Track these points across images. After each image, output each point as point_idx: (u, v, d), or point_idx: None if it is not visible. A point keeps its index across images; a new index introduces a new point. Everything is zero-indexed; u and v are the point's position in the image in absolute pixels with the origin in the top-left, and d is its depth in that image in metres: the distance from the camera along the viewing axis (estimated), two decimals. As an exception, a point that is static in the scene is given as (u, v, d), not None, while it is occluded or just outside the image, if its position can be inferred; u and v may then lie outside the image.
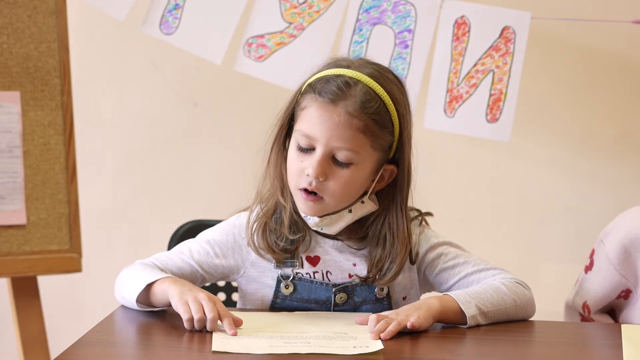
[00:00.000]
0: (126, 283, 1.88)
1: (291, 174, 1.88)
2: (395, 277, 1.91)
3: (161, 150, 3.20)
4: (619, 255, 2.03)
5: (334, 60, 1.93)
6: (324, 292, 1.93)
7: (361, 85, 1.85)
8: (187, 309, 1.74)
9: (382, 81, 1.87)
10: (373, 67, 1.90)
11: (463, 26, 2.75)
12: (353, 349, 1.64)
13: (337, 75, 1.86)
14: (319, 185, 1.85)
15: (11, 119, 2.58)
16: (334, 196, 1.86)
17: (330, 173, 1.84)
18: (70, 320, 3.22)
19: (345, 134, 1.83)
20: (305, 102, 1.87)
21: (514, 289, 1.91)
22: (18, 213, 2.59)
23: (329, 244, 1.94)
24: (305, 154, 1.86)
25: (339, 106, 1.83)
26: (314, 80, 1.89)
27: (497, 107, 2.75)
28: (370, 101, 1.84)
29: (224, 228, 1.97)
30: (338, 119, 1.83)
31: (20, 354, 2.65)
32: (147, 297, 1.84)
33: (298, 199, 1.89)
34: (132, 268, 1.91)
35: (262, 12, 2.76)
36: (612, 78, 3.05)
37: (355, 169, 1.85)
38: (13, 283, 2.65)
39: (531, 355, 1.75)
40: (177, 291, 1.77)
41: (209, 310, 1.73)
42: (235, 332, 1.71)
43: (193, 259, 1.93)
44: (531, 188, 3.11)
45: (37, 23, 2.60)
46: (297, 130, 1.87)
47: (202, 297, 1.75)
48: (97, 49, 3.17)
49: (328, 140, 1.83)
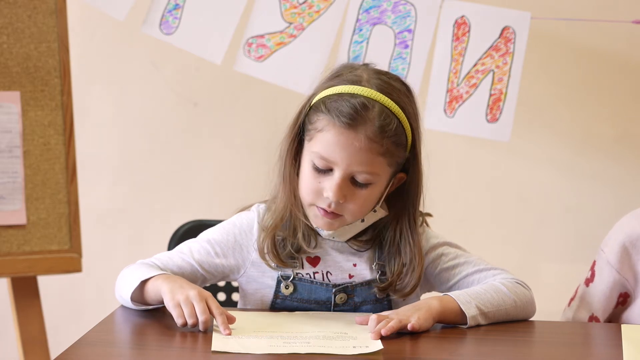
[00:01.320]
0: (123, 282, 1.88)
1: (307, 192, 1.87)
2: (414, 289, 1.91)
3: (161, 150, 3.20)
4: (619, 256, 2.03)
5: (341, 70, 1.91)
6: (324, 293, 1.93)
7: (378, 107, 1.83)
8: (179, 313, 1.74)
9: (395, 97, 1.86)
10: (382, 79, 1.87)
11: (463, 26, 2.75)
12: (353, 349, 1.64)
13: (351, 95, 1.84)
14: (338, 207, 1.85)
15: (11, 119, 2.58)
16: (353, 214, 1.88)
17: (349, 194, 1.85)
18: (70, 320, 3.22)
19: (366, 158, 1.83)
20: (320, 123, 1.85)
21: (515, 290, 1.91)
22: (18, 213, 2.59)
23: (329, 244, 1.94)
24: (321, 174, 1.85)
25: (359, 132, 1.81)
26: (326, 97, 1.86)
27: (497, 107, 2.75)
28: (389, 124, 1.83)
29: (225, 228, 1.97)
30: (359, 145, 1.82)
31: (20, 354, 2.65)
32: (142, 295, 1.84)
33: (313, 214, 1.89)
34: (132, 267, 1.91)
35: (262, 12, 2.76)
36: (612, 78, 3.05)
37: (373, 187, 1.86)
38: (13, 283, 2.65)
39: (531, 355, 1.75)
40: (168, 289, 1.77)
41: (200, 312, 1.72)
42: (229, 332, 1.71)
43: (193, 258, 1.93)
44: (531, 188, 3.11)
45: (37, 23, 2.60)
46: (313, 152, 1.85)
47: (194, 296, 1.75)
48: (97, 49, 3.17)
49: (348, 166, 1.83)
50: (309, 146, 1.87)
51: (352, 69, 1.90)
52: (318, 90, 1.90)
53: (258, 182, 1.97)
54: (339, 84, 1.87)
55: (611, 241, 2.06)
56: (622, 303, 2.06)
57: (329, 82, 1.89)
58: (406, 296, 1.93)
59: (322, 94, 1.87)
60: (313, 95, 1.90)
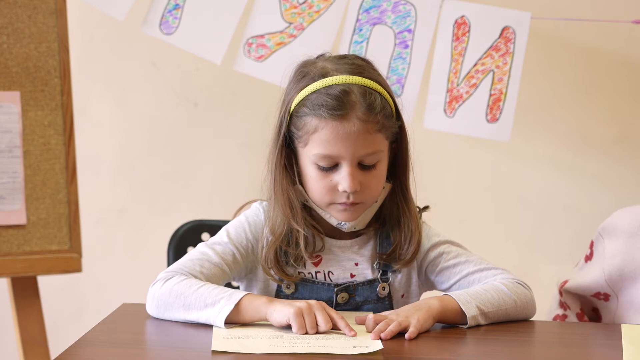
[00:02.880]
0: (186, 302, 1.80)
1: (321, 194, 1.87)
2: (414, 257, 1.92)
3: (161, 150, 3.20)
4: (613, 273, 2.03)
5: (303, 70, 1.90)
6: (326, 292, 1.93)
7: (356, 88, 1.84)
8: (301, 323, 1.71)
9: (366, 74, 1.87)
10: (347, 63, 1.89)
11: (463, 26, 2.75)
12: (353, 348, 1.64)
13: (327, 86, 1.85)
14: (357, 196, 1.86)
15: (11, 119, 2.58)
16: (372, 196, 1.89)
17: (363, 180, 1.86)
18: (70, 320, 3.22)
19: (366, 140, 1.83)
20: (310, 125, 1.85)
21: (515, 290, 1.91)
22: (18, 213, 2.59)
23: (331, 243, 1.94)
24: (329, 172, 1.85)
25: (351, 117, 1.82)
26: (303, 99, 1.86)
27: (497, 107, 2.75)
28: (374, 100, 1.84)
29: (240, 227, 1.95)
30: (355, 129, 1.82)
31: (20, 354, 2.65)
32: (234, 316, 1.78)
33: (334, 211, 1.89)
34: (182, 285, 1.82)
35: (262, 12, 2.76)
36: (612, 78, 3.05)
37: (381, 164, 1.88)
38: (13, 283, 2.65)
39: (531, 355, 1.75)
40: (280, 303, 1.75)
41: (324, 322, 1.72)
42: (355, 334, 1.71)
43: (224, 261, 1.90)
44: (531, 188, 3.11)
45: (37, 23, 2.60)
46: (314, 154, 1.84)
47: (316, 306, 1.73)
48: (97, 49, 3.17)
49: (353, 153, 1.83)
50: (306, 151, 1.87)
51: (313, 65, 1.90)
52: (291, 96, 1.89)
53: (258, 182, 1.97)
54: (310, 83, 1.87)
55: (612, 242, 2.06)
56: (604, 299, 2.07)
57: (299, 85, 1.89)
58: (407, 264, 1.93)
59: (298, 98, 1.87)
60: (288, 103, 1.89)
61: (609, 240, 2.06)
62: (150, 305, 1.84)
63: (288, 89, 1.92)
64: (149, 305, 1.85)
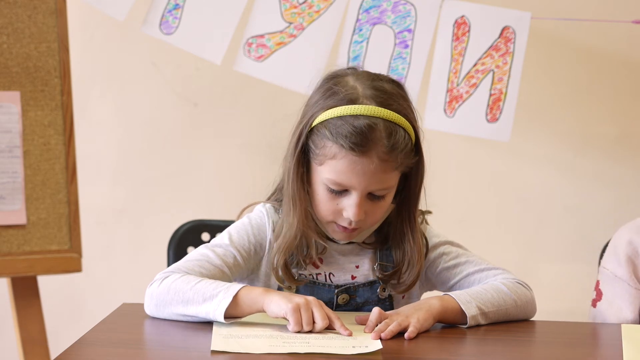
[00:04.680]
0: (185, 297, 1.80)
1: (325, 213, 1.87)
2: (412, 286, 1.92)
3: (161, 150, 3.19)
4: (627, 269, 2.01)
5: (333, 85, 1.87)
6: (327, 293, 1.93)
7: (382, 124, 1.81)
8: (298, 319, 1.71)
9: (394, 106, 1.84)
10: (376, 88, 1.85)
11: (463, 26, 2.75)
12: (352, 348, 1.64)
13: (354, 117, 1.81)
14: (359, 222, 1.86)
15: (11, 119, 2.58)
16: (373, 223, 1.91)
17: (368, 209, 1.86)
18: (70, 320, 3.22)
19: (382, 177, 1.83)
20: (329, 150, 1.83)
21: (515, 290, 1.91)
22: (18, 213, 2.58)
23: (332, 246, 1.94)
24: (338, 195, 1.85)
25: (371, 155, 1.81)
26: (327, 121, 1.84)
27: (497, 107, 2.75)
28: (397, 139, 1.82)
29: (242, 229, 1.95)
30: (373, 167, 1.81)
31: (20, 354, 2.65)
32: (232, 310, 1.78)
33: (331, 229, 1.90)
34: (179, 281, 1.82)
35: (262, 12, 2.75)
36: (612, 78, 3.04)
37: (390, 194, 1.88)
38: (13, 283, 2.64)
39: (531, 355, 1.75)
40: (279, 296, 1.74)
41: (321, 318, 1.72)
42: (350, 333, 1.71)
43: (225, 263, 1.90)
44: (531, 188, 3.11)
45: (37, 23, 2.60)
46: (328, 178, 1.83)
47: (314, 303, 1.73)
48: (97, 49, 3.17)
49: (365, 187, 1.83)
50: (320, 170, 1.85)
51: (343, 81, 1.87)
52: (315, 110, 1.86)
53: (258, 182, 1.97)
54: (337, 104, 1.84)
55: (611, 258, 2.04)
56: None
57: (326, 102, 1.86)
58: (404, 292, 1.93)
59: (322, 117, 1.85)
60: (311, 116, 1.86)
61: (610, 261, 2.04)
62: (148, 304, 1.84)
63: (313, 100, 1.88)
64: (148, 304, 1.85)
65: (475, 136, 2.80)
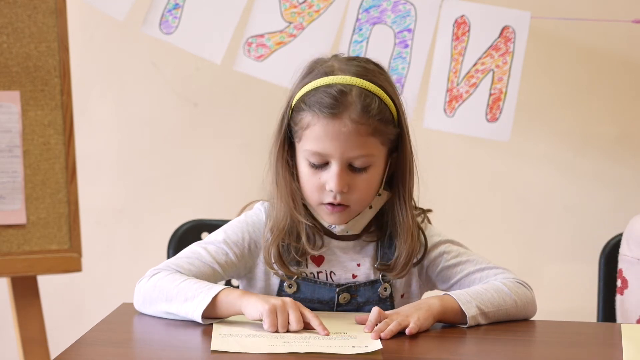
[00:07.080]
0: (168, 295, 1.81)
1: (310, 191, 1.88)
2: (405, 268, 1.91)
3: (161, 150, 3.20)
4: None
5: (312, 66, 1.91)
6: (328, 292, 1.93)
7: (355, 90, 1.84)
8: (273, 320, 1.71)
9: (370, 77, 1.87)
10: (354, 64, 1.89)
11: (463, 26, 2.75)
12: (352, 348, 1.64)
13: (327, 85, 1.85)
14: (344, 197, 1.85)
15: (11, 118, 2.58)
16: (360, 201, 1.88)
17: (351, 182, 1.85)
18: (70, 320, 3.22)
19: (357, 141, 1.83)
20: (305, 121, 1.86)
21: (515, 289, 1.91)
22: (18, 213, 2.59)
23: (333, 244, 1.94)
24: (319, 170, 1.86)
25: (343, 117, 1.82)
26: (304, 94, 1.87)
27: (497, 106, 2.75)
28: (370, 103, 1.84)
29: (238, 227, 1.95)
30: (346, 130, 1.82)
31: (20, 354, 2.65)
32: (210, 310, 1.77)
33: (322, 212, 1.89)
34: (164, 281, 1.83)
35: (262, 12, 2.76)
36: (612, 78, 3.04)
37: (373, 169, 1.87)
38: (13, 283, 2.65)
39: (531, 355, 1.75)
40: (255, 298, 1.74)
41: (296, 321, 1.71)
42: (328, 333, 1.70)
43: (215, 260, 1.90)
44: (531, 188, 3.11)
45: (37, 23, 2.60)
46: (306, 150, 1.85)
47: (290, 304, 1.73)
48: (97, 49, 3.17)
49: (342, 153, 1.83)
50: (300, 146, 1.88)
51: (323, 62, 1.91)
52: (295, 91, 1.90)
53: (258, 182, 1.97)
54: (313, 79, 1.88)
55: (630, 243, 2.04)
56: None
57: (304, 80, 1.90)
58: (400, 276, 1.92)
59: (300, 93, 1.88)
60: (291, 97, 1.90)
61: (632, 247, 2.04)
62: (137, 300, 1.86)
63: (294, 83, 1.93)
64: (136, 300, 1.86)
65: (475, 136, 2.80)
